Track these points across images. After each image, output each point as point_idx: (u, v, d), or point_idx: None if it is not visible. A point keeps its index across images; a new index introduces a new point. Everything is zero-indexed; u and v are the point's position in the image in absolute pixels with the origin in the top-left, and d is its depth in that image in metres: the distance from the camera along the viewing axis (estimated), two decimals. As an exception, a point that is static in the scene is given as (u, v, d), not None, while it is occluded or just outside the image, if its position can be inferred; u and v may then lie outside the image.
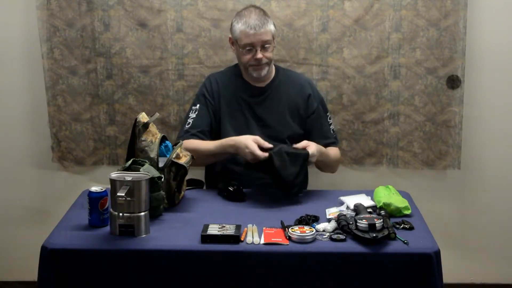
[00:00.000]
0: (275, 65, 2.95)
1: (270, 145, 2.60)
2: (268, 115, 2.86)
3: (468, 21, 3.09)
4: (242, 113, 2.86)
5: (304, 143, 2.66)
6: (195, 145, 2.75)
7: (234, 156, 2.78)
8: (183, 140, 2.72)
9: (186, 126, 2.84)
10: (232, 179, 2.66)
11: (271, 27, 2.78)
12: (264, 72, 2.82)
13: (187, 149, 2.63)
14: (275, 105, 2.88)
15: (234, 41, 2.83)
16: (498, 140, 3.28)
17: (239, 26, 2.76)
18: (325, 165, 2.92)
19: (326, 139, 2.91)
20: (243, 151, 2.61)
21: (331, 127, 2.96)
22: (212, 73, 3.00)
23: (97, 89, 3.18)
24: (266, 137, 2.70)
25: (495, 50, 3.18)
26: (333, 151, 2.91)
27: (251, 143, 2.59)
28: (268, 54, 2.79)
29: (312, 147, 2.64)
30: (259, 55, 2.76)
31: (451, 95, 3.16)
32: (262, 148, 2.58)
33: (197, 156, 2.66)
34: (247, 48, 2.76)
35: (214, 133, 2.85)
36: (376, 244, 2.11)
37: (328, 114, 2.98)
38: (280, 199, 2.57)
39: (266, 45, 2.76)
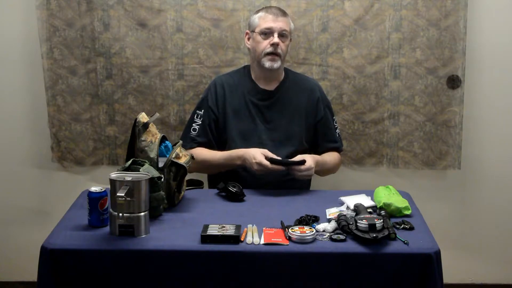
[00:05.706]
0: (284, 68, 2.93)
1: (278, 158, 2.64)
2: (277, 118, 2.85)
3: (468, 21, 3.09)
4: (251, 116, 2.85)
5: (299, 157, 2.68)
6: (204, 156, 2.78)
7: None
8: (189, 147, 2.75)
9: (193, 133, 2.84)
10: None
11: (290, 21, 2.83)
12: (277, 64, 2.79)
13: (197, 160, 2.64)
14: (284, 109, 2.87)
15: (250, 32, 2.83)
16: (498, 140, 3.28)
17: (258, 15, 2.81)
18: (324, 172, 2.93)
19: (333, 143, 2.95)
20: (250, 161, 2.64)
21: (337, 131, 2.98)
22: (219, 75, 2.97)
23: (96, 89, 3.18)
24: (273, 141, 2.79)
25: (495, 50, 3.18)
26: (330, 157, 2.92)
27: (259, 154, 2.63)
28: (284, 46, 2.78)
29: (308, 160, 2.66)
30: (276, 39, 2.75)
31: (451, 95, 3.16)
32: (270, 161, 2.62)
33: (205, 167, 2.76)
34: (265, 32, 2.76)
35: (216, 138, 2.86)
36: (376, 244, 2.11)
37: (334, 118, 2.98)
38: (280, 199, 2.57)
39: (283, 32, 2.77)
